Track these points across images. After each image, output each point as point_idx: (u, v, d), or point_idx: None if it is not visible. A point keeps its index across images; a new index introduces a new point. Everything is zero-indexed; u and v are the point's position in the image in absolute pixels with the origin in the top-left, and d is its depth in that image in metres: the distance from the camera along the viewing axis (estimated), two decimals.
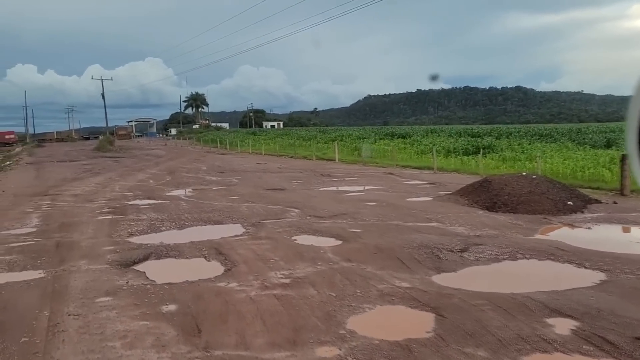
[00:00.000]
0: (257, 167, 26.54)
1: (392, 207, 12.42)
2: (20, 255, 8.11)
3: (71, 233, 9.91)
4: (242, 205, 13.03)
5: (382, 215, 11.26)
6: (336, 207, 12.51)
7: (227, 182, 18.88)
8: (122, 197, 15.15)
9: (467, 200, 12.84)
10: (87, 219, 11.54)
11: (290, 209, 12.27)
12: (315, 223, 10.45)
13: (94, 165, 29.43)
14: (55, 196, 15.58)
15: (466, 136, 36.98)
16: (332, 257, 7.57)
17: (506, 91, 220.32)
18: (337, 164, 28.24)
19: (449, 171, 22.21)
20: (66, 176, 22.74)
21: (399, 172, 22.11)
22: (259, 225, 10.35)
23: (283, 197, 14.53)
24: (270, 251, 8.04)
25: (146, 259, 7.87)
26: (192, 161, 31.98)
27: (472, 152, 27.93)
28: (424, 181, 18.18)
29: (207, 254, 7.97)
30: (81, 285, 6.32)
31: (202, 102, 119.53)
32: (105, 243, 8.94)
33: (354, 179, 19.40)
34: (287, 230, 9.70)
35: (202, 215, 11.66)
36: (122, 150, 48.01)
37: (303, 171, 23.12)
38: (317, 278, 6.50)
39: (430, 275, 6.67)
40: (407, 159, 27.98)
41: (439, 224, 10.16)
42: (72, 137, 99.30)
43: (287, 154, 37.38)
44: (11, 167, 31.10)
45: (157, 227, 10.47)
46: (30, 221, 11.35)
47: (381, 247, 8.10)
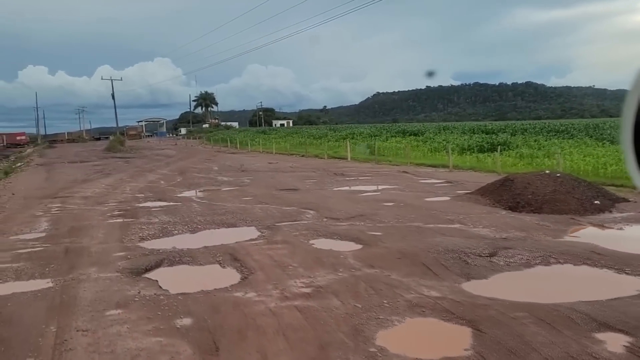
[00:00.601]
0: (269, 166, 26.19)
1: (410, 207, 12.00)
2: (28, 262, 7.79)
3: (81, 238, 9.59)
4: (256, 207, 12.67)
5: (401, 216, 10.85)
6: (352, 208, 12.12)
7: (239, 183, 18.54)
8: (133, 199, 14.85)
9: (488, 200, 12.38)
10: (97, 222, 11.24)
11: (305, 211, 11.89)
12: (332, 225, 10.06)
13: (104, 166, 29.25)
14: (65, 198, 15.32)
15: (480, 133, 36.33)
16: (353, 263, 7.18)
17: (516, 87, 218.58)
18: (350, 162, 27.83)
19: (465, 169, 21.73)
20: (76, 177, 22.52)
21: (413, 170, 21.65)
22: (274, 228, 9.98)
23: (297, 197, 14.15)
24: (288, 257, 7.66)
25: (158, 265, 7.52)
26: (202, 161, 31.71)
27: (487, 149, 27.41)
28: (441, 180, 17.72)
29: (221, 260, 7.61)
30: (90, 296, 5.97)
31: (212, 101, 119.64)
32: (115, 248, 8.60)
33: (368, 178, 18.98)
34: (304, 234, 9.31)
35: (215, 218, 11.31)
36: (133, 151, 47.89)
37: (316, 170, 22.73)
38: (339, 287, 6.11)
39: (459, 283, 6.26)
40: (421, 156, 27.50)
41: (461, 226, 9.73)
42: (83, 138, 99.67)
43: (298, 153, 37.03)
44: (22, 168, 31.02)
45: (169, 231, 10.13)
46: (39, 225, 11.06)
47: (404, 251, 7.69)
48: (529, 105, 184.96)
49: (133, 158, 37.40)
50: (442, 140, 32.63)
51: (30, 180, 22.19)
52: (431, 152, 28.71)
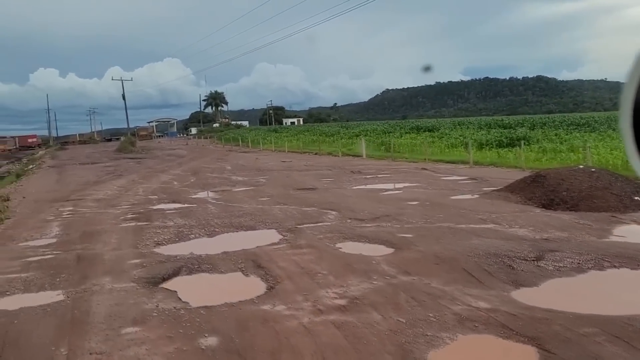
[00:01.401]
0: (283, 165, 25.65)
1: (437, 206, 11.39)
2: (38, 272, 7.30)
3: (93, 244, 9.10)
4: (274, 208, 12.13)
5: (429, 216, 10.25)
6: (376, 207, 11.53)
7: (254, 182, 18.01)
8: (147, 201, 14.37)
9: (519, 197, 11.73)
10: (110, 226, 10.75)
11: (326, 211, 11.32)
12: (357, 227, 9.48)
13: (116, 167, 28.88)
14: (77, 201, 14.88)
15: (497, 128, 35.54)
16: (387, 270, 6.60)
17: (527, 81, 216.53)
18: (365, 160, 27.22)
19: (486, 165, 21.06)
20: (88, 179, 22.13)
21: (432, 167, 21.00)
22: (296, 230, 9.42)
23: (316, 197, 13.59)
24: (315, 263, 7.10)
25: (176, 274, 6.99)
26: (215, 160, 31.24)
27: (507, 144, 26.70)
28: (463, 176, 17.07)
29: (244, 268, 7.07)
30: (104, 311, 5.44)
31: (222, 100, 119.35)
32: (130, 255, 8.09)
33: (387, 176, 18.37)
34: (329, 237, 8.75)
35: (233, 220, 10.78)
36: (144, 151, 47.60)
37: (331, 168, 22.16)
38: (377, 297, 5.53)
39: (508, 291, 5.66)
40: (438, 153, 26.82)
41: (496, 226, 9.11)
42: (94, 139, 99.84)
43: (311, 151, 36.47)
44: (34, 171, 30.75)
45: (186, 235, 9.61)
46: (50, 230, 10.59)
47: (441, 255, 7.10)
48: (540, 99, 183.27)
49: (144, 159, 37.05)
50: (459, 136, 31.89)
51: (41, 183, 21.82)
52: (448, 148, 28.02)
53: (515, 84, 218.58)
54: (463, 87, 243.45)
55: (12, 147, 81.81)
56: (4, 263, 7.92)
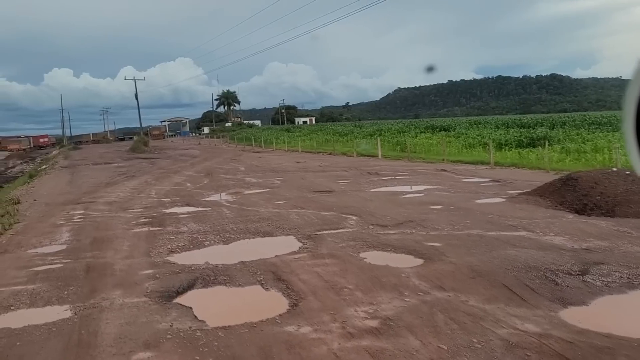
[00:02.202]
0: (297, 165, 25.18)
1: (462, 211, 10.84)
2: (45, 283, 6.89)
3: (104, 251, 8.68)
4: (291, 212, 11.65)
5: (455, 222, 9.70)
6: (398, 212, 11.01)
7: (269, 184, 17.56)
8: (159, 204, 13.97)
9: (549, 201, 11.16)
10: (121, 232, 10.34)
11: (346, 216, 10.83)
12: (381, 234, 8.97)
13: (128, 168, 28.61)
14: (88, 204, 14.52)
15: (515, 127, 34.75)
16: (418, 284, 6.08)
17: (540, 79, 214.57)
18: (381, 160, 26.68)
19: (506, 166, 20.46)
20: (100, 180, 21.83)
21: (451, 168, 20.42)
22: (316, 238, 8.93)
23: (334, 201, 13.09)
24: (340, 275, 6.60)
25: (191, 287, 6.54)
26: (228, 161, 30.86)
27: (527, 144, 26.02)
28: (485, 178, 16.47)
29: (263, 280, 6.59)
30: (114, 332, 4.99)
31: (234, 99, 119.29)
32: (142, 265, 7.66)
33: (405, 178, 17.82)
34: (352, 245, 8.24)
35: (249, 226, 10.32)
36: (157, 151, 47.42)
37: (347, 169, 21.64)
38: (412, 318, 5.02)
39: (556, 311, 5.12)
40: (456, 153, 26.21)
41: (529, 233, 8.55)
42: (107, 139, 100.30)
43: (325, 151, 36.01)
44: (46, 171, 30.58)
45: (200, 242, 9.17)
46: (60, 236, 10.21)
47: (476, 268, 6.57)
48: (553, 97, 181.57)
49: (157, 159, 36.80)
50: (477, 135, 31.18)
51: (53, 184, 21.55)
52: (466, 148, 27.38)
53: (529, 82, 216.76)
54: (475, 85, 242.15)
55: (27, 147, 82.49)
56: (11, 273, 7.52)
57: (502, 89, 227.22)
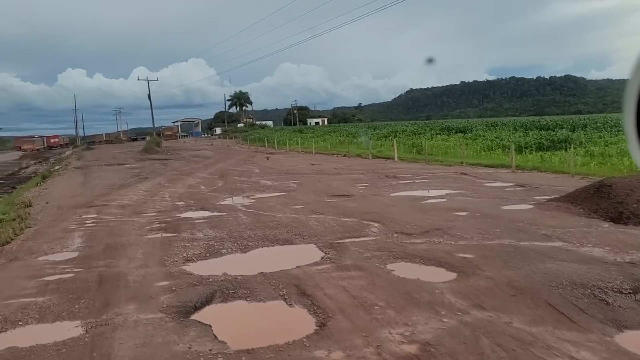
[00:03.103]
0: (312, 168, 24.75)
1: (489, 218, 10.34)
2: (55, 295, 6.52)
3: (117, 259, 8.31)
4: (310, 218, 11.22)
5: (484, 230, 9.21)
6: (422, 219, 10.54)
7: (284, 188, 17.14)
8: (173, 208, 13.60)
9: (581, 209, 10.61)
10: (135, 238, 9.98)
11: (368, 223, 10.38)
12: (407, 243, 8.51)
13: (141, 169, 28.37)
14: (101, 208, 14.20)
15: (534, 129, 34.02)
16: (455, 302, 5.62)
17: (555, 80, 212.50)
18: (397, 162, 26.16)
19: (528, 169, 19.84)
20: (113, 182, 21.56)
21: (471, 171, 19.86)
22: (339, 247, 8.49)
23: (354, 206, 12.64)
24: (368, 290, 6.15)
25: (209, 301, 6.13)
26: (242, 162, 30.52)
27: (548, 147, 25.37)
28: (508, 183, 15.92)
29: (286, 295, 6.16)
30: (129, 355, 4.59)
31: (246, 100, 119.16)
32: (157, 275, 7.27)
33: (425, 181, 17.30)
34: (377, 256, 7.79)
35: (267, 233, 9.90)
36: (169, 152, 47.26)
37: (364, 172, 21.17)
38: (454, 343, 4.56)
39: (611, 336, 4.64)
40: (474, 155, 25.61)
41: (565, 244, 8.04)
42: (120, 139, 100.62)
43: (339, 152, 35.55)
44: (59, 172, 30.44)
45: (217, 250, 8.77)
46: (72, 242, 9.86)
47: (516, 284, 6.09)
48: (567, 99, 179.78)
49: (170, 160, 36.57)
50: (495, 137, 30.52)
51: (66, 186, 21.31)
52: (485, 151, 26.78)
53: (542, 84, 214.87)
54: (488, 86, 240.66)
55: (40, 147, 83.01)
56: (20, 283, 7.16)
57: (515, 90, 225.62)
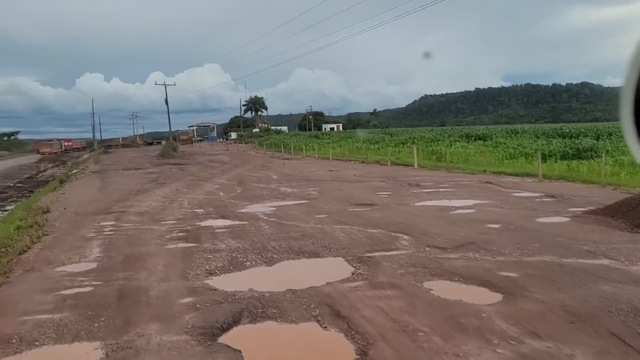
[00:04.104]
0: (331, 175, 24.32)
1: (525, 232, 9.82)
2: (73, 312, 6.14)
3: (137, 272, 7.94)
4: (335, 229, 10.78)
5: (522, 245, 8.70)
6: (453, 231, 10.04)
7: (305, 195, 16.72)
8: (193, 216, 13.25)
9: (622, 222, 10.05)
10: (155, 248, 9.61)
11: (397, 235, 9.91)
12: (441, 259, 8.03)
13: (159, 174, 28.14)
14: (119, 214, 13.89)
15: (556, 137, 33.27)
16: (506, 329, 5.13)
17: (571, 87, 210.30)
18: (418, 170, 25.64)
19: (554, 178, 19.25)
20: (131, 187, 21.31)
21: (495, 180, 19.28)
22: (369, 261, 8.04)
23: (379, 216, 12.17)
24: (409, 313, 5.69)
25: (237, 321, 5.71)
26: (259, 168, 30.18)
27: (572, 155, 24.68)
28: (537, 193, 15.34)
29: (319, 316, 5.72)
30: None
31: (261, 105, 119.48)
32: (180, 290, 6.88)
33: (449, 190, 16.77)
34: (412, 272, 7.33)
35: (292, 244, 9.48)
36: (186, 157, 47.13)
37: (385, 180, 20.68)
38: None
39: None
40: (497, 164, 25.00)
41: (613, 262, 7.51)
42: (136, 143, 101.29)
43: (356, 159, 35.10)
44: (77, 176, 30.37)
45: (241, 262, 8.37)
46: (90, 252, 9.53)
47: (571, 309, 5.58)
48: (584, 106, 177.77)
49: (187, 164, 36.38)
50: (517, 145, 29.84)
51: (83, 191, 21.10)
52: (507, 159, 26.16)
53: (558, 91, 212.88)
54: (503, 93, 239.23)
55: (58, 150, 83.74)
56: (37, 297, 6.81)
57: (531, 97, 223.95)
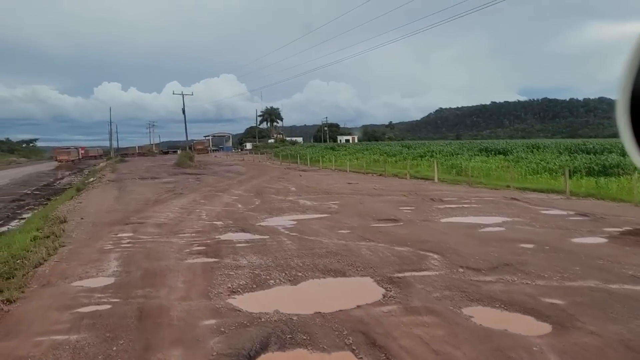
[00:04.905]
0: (350, 187, 23.89)
1: (562, 253, 9.31)
2: (90, 332, 5.78)
3: (157, 289, 7.58)
4: (360, 246, 10.36)
5: (561, 268, 8.20)
6: (485, 251, 9.57)
7: (325, 209, 16.32)
8: (212, 229, 12.90)
9: None
10: (174, 263, 9.26)
11: (426, 254, 9.46)
12: (478, 282, 7.56)
13: (175, 184, 27.93)
14: (137, 226, 13.60)
15: (579, 152, 32.55)
16: None
17: (588, 102, 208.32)
18: (438, 184, 25.13)
19: (582, 196, 18.63)
20: (148, 197, 21.08)
21: (521, 196, 18.72)
22: (400, 283, 7.60)
23: (405, 233, 11.73)
24: (451, 344, 5.24)
25: (265, 348, 5.31)
26: (276, 180, 29.85)
27: (599, 172, 24.00)
28: (567, 211, 14.77)
29: (354, 345, 5.30)
30: None
31: (277, 116, 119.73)
32: (203, 311, 6.50)
33: (474, 206, 16.26)
34: (448, 297, 6.87)
35: (316, 261, 9.08)
36: (202, 166, 47.03)
37: (406, 194, 20.20)
38: None
39: None
40: (520, 179, 24.40)
41: None
42: (152, 152, 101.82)
43: (374, 171, 34.64)
44: (94, 184, 30.30)
45: (264, 280, 7.98)
46: (108, 265, 9.20)
47: (632, 344, 5.09)
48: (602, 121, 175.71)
49: (203, 174, 36.19)
50: (540, 160, 29.19)
51: (100, 200, 20.90)
52: (530, 174, 25.54)
53: (576, 106, 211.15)
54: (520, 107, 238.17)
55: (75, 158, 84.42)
56: (53, 316, 6.47)
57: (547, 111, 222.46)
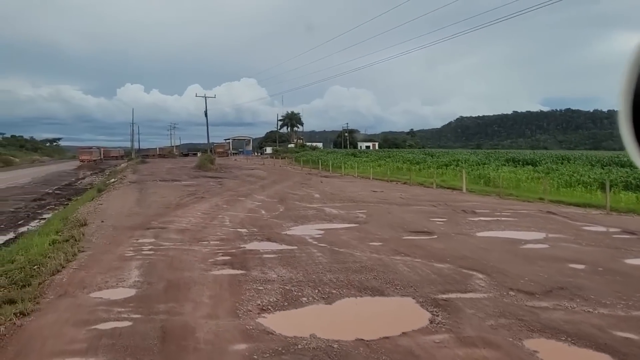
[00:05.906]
0: (376, 196, 23.16)
1: (618, 276, 8.52)
2: (109, 355, 5.20)
3: (181, 303, 6.99)
4: (396, 261, 9.67)
5: (622, 293, 7.42)
6: (533, 271, 8.81)
7: (353, 218, 15.64)
8: (237, 237, 12.32)
9: None
10: (199, 274, 8.67)
11: (469, 272, 8.73)
12: (534, 308, 6.81)
13: (197, 187, 27.51)
14: (158, 231, 13.09)
15: (612, 165, 31.39)
16: None
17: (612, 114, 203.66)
18: (467, 195, 24.27)
19: (623, 211, 17.67)
20: (169, 201, 20.62)
21: (557, 210, 17.82)
22: (447, 306, 6.89)
23: (441, 247, 11.00)
24: None
25: None
26: (299, 185, 29.24)
27: (636, 186, 22.95)
28: (612, 228, 13.87)
29: None
30: None
31: (297, 121, 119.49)
32: (232, 332, 5.88)
33: (510, 220, 15.43)
34: (505, 325, 6.14)
35: (351, 277, 8.42)
36: (222, 170, 46.68)
37: (434, 204, 19.41)
38: None
39: None
40: (553, 191, 23.43)
41: None
42: (173, 154, 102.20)
43: (398, 179, 33.86)
44: (115, 186, 30.05)
45: (296, 297, 7.35)
46: (129, 275, 8.64)
47: None
48: None
49: (224, 178, 35.75)
50: (572, 172, 28.15)
51: (121, 203, 20.49)
52: (564, 187, 24.55)
53: (599, 117, 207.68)
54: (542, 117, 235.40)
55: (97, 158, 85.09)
56: (69, 332, 5.91)
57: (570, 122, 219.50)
